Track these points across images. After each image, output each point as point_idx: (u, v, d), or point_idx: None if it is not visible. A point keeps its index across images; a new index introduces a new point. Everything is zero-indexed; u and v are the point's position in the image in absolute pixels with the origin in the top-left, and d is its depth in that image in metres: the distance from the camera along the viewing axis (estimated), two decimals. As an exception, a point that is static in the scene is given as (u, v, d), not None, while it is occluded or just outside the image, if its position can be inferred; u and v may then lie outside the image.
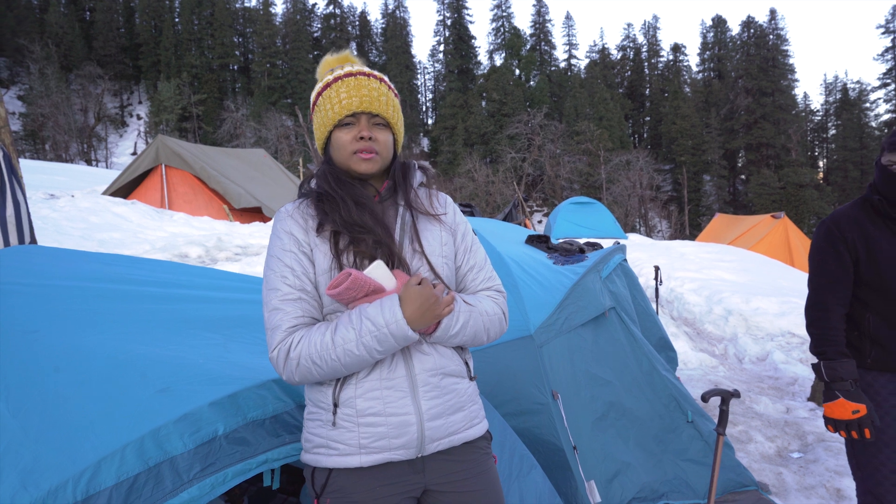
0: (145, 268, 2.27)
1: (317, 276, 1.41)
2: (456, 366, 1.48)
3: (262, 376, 1.61)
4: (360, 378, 1.38)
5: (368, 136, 1.44)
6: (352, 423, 1.38)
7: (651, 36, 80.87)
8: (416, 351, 1.42)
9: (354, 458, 1.37)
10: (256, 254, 8.09)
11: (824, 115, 73.66)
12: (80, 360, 1.54)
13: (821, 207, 53.01)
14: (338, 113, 1.45)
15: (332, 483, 1.39)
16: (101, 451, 1.28)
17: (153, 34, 71.01)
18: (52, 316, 1.71)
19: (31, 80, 55.12)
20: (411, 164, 1.57)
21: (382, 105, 1.46)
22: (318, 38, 75.72)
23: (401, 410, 1.38)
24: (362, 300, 1.37)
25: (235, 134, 49.45)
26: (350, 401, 1.38)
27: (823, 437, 3.95)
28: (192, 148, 14.16)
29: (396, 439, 1.38)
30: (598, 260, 3.78)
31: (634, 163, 45.38)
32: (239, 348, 1.85)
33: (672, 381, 3.60)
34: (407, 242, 1.46)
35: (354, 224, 1.40)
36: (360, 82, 1.46)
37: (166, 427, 1.37)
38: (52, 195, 11.81)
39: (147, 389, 1.49)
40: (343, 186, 1.45)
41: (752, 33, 70.40)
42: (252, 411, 1.54)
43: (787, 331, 6.80)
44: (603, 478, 3.03)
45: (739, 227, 17.76)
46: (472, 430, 1.49)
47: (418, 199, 1.53)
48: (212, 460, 1.42)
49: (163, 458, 1.35)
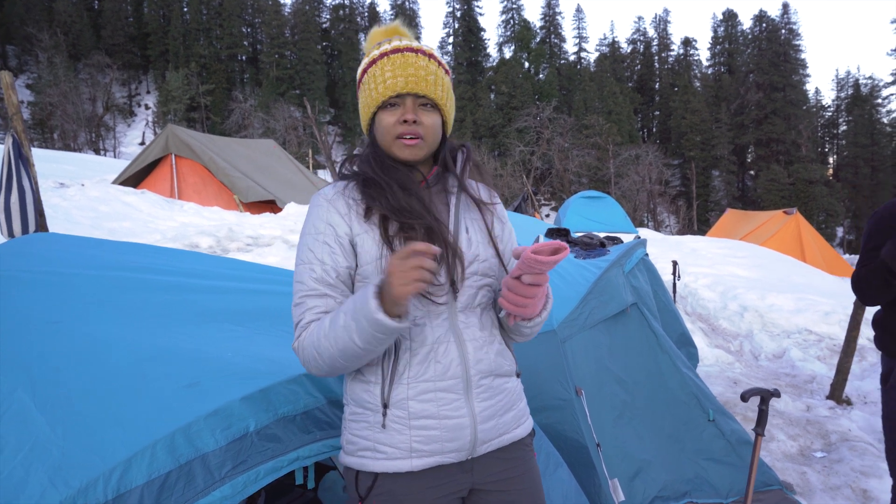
0: (163, 257, 2.22)
1: (363, 264, 1.31)
2: (509, 365, 1.43)
3: (292, 371, 1.56)
4: (412, 377, 1.30)
5: (413, 119, 1.33)
6: (403, 426, 1.30)
7: (662, 29, 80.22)
8: (472, 351, 1.34)
9: (405, 461, 1.30)
10: (268, 244, 8.05)
11: (835, 111, 72.97)
12: (103, 353, 1.49)
13: (830, 204, 52.57)
14: (382, 94, 1.33)
15: (379, 486, 1.32)
16: (130, 448, 1.23)
17: (161, 23, 70.95)
18: (73, 306, 1.66)
19: (40, 69, 55.26)
20: (464, 148, 1.47)
21: (430, 85, 1.34)
22: (327, 28, 75.49)
23: (455, 413, 1.32)
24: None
25: (244, 125, 49.41)
26: (402, 402, 1.30)
27: (847, 437, 3.88)
28: (201, 138, 14.12)
29: (450, 443, 1.32)
30: (621, 254, 3.71)
31: (643, 157, 45.09)
32: (264, 341, 1.80)
33: (693, 379, 3.53)
34: (462, 230, 1.38)
35: (403, 210, 1.30)
36: (408, 59, 1.33)
37: (197, 423, 1.32)
38: (62, 184, 11.80)
39: (174, 383, 1.44)
40: (387, 171, 1.34)
41: (763, 28, 69.71)
42: (283, 407, 1.49)
43: (803, 328, 6.71)
44: (625, 476, 2.98)
45: (751, 223, 17.62)
46: (519, 428, 1.44)
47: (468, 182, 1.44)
48: (243, 457, 1.37)
49: (194, 456, 1.29)
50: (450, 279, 1.33)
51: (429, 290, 1.30)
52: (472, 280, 1.37)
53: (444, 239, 1.32)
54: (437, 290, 1.32)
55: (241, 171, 13.39)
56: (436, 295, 1.31)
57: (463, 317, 1.35)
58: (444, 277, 1.32)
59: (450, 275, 1.32)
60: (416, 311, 1.30)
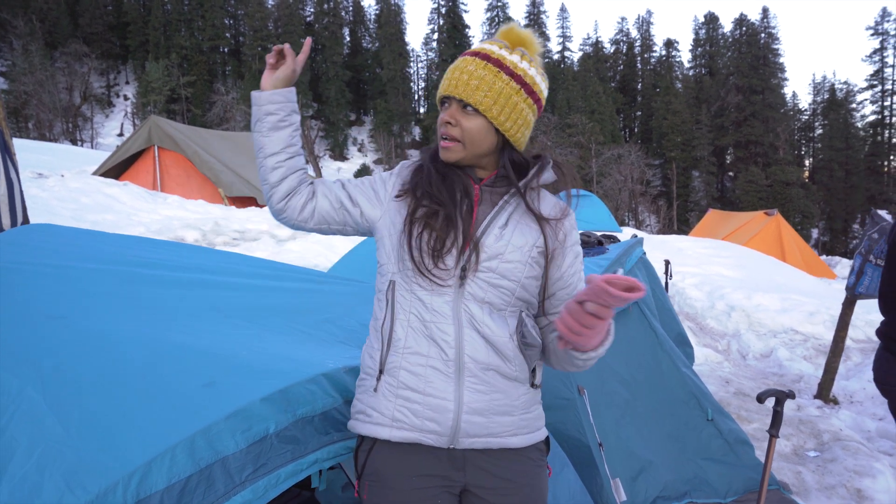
0: (167, 251, 2.14)
1: (384, 229, 1.43)
2: (516, 371, 1.39)
3: (310, 370, 1.51)
4: (407, 347, 1.36)
5: (448, 120, 1.38)
6: (391, 393, 1.36)
7: (644, 31, 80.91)
8: (471, 339, 1.35)
9: (386, 429, 1.35)
10: (255, 239, 7.93)
11: (812, 115, 74.25)
12: (114, 349, 1.43)
13: (806, 206, 53.51)
14: (438, 93, 1.43)
15: (371, 463, 1.37)
16: (149, 451, 1.17)
17: (142, 13, 69.69)
18: (79, 300, 1.59)
19: (14, 57, 53.83)
20: (545, 159, 1.47)
21: (470, 90, 1.35)
22: (311, 22, 74.77)
23: (439, 394, 1.34)
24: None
25: (225, 117, 48.77)
26: (394, 370, 1.36)
27: (839, 437, 3.93)
28: (185, 130, 13.87)
29: (430, 422, 1.34)
30: (620, 253, 3.71)
31: (626, 157, 45.47)
32: (276, 339, 1.75)
33: (692, 378, 3.54)
34: (497, 227, 1.38)
35: (432, 194, 1.37)
36: (464, 63, 1.39)
37: (217, 425, 1.26)
38: (41, 174, 11.50)
39: (190, 382, 1.38)
40: (437, 164, 1.42)
41: (744, 31, 70.62)
42: (301, 407, 1.44)
43: (789, 328, 6.80)
44: (627, 475, 2.97)
45: (732, 223, 17.84)
46: (517, 437, 1.40)
47: (532, 192, 1.42)
48: (263, 461, 1.32)
49: (214, 459, 1.24)
50: (461, 266, 1.35)
51: (432, 270, 1.35)
52: (487, 275, 1.36)
53: (463, 229, 1.36)
54: (442, 274, 1.35)
55: (225, 164, 13.19)
56: (440, 277, 1.35)
57: (470, 305, 1.36)
58: (454, 262, 1.35)
59: (461, 262, 1.35)
60: (421, 285, 1.37)
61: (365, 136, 73.27)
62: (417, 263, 1.35)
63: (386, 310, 1.40)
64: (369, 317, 2.24)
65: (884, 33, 65.26)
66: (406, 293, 1.38)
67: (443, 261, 1.34)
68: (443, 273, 1.35)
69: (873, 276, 4.70)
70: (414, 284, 1.37)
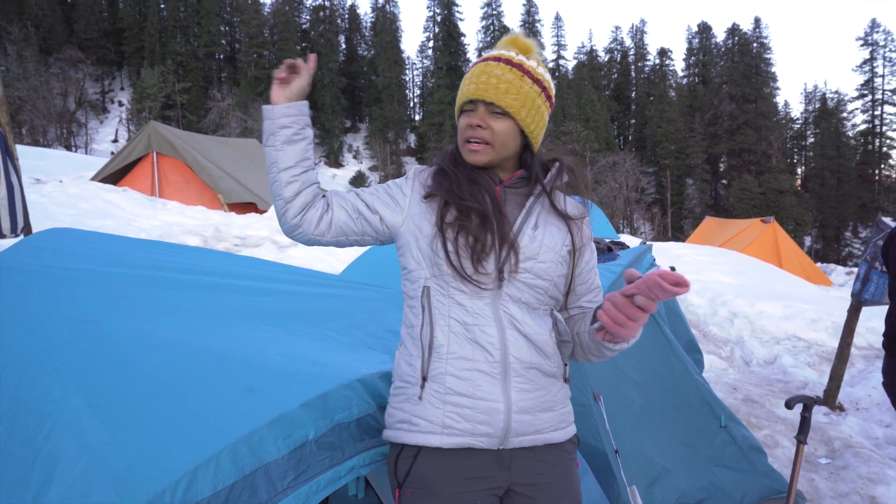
0: (191, 256, 2.13)
1: (416, 239, 1.40)
2: (554, 367, 1.43)
3: (346, 375, 1.49)
4: (451, 352, 1.35)
5: (477, 123, 1.40)
6: (438, 400, 1.34)
7: (638, 39, 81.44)
8: (514, 339, 1.36)
9: (436, 437, 1.33)
10: (256, 245, 7.89)
11: (803, 124, 74.87)
12: (151, 355, 1.41)
13: (799, 214, 53.89)
14: (459, 99, 1.44)
15: (416, 471, 1.34)
16: (195, 458, 1.15)
17: (137, 19, 69.56)
18: (111, 305, 1.57)
19: (8, 62, 53.64)
20: (562, 161, 1.52)
21: (500, 93, 1.39)
22: (307, 30, 74.92)
23: (489, 396, 1.34)
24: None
25: (221, 124, 48.71)
26: (440, 376, 1.34)
27: (850, 444, 3.93)
28: (184, 136, 13.84)
29: (482, 425, 1.33)
30: (632, 259, 3.71)
31: (621, 164, 45.66)
32: (306, 344, 1.73)
33: (704, 385, 3.54)
34: (529, 228, 1.40)
35: (463, 196, 1.37)
36: (488, 68, 1.41)
37: (260, 431, 1.25)
38: (38, 180, 11.43)
39: (229, 388, 1.36)
40: (459, 166, 1.43)
41: (736, 41, 71.19)
42: (338, 413, 1.43)
43: (792, 334, 6.81)
44: (643, 482, 2.96)
45: (729, 231, 17.94)
46: (558, 432, 1.44)
47: (555, 193, 1.49)
48: (304, 467, 1.30)
49: (257, 466, 1.22)
50: (498, 268, 1.36)
51: (473, 275, 1.35)
52: (524, 276, 1.39)
53: (499, 229, 1.37)
54: (482, 278, 1.35)
55: (224, 170, 13.15)
56: (481, 282, 1.35)
57: (508, 306, 1.38)
58: (493, 266, 1.36)
59: (499, 263, 1.36)
60: (460, 289, 1.36)
61: (360, 143, 73.28)
62: (457, 268, 1.35)
63: (423, 316, 1.39)
64: (393, 322, 2.24)
65: (873, 44, 65.98)
66: (443, 298, 1.38)
67: (482, 264, 1.35)
68: (483, 277, 1.36)
69: (878, 283, 4.72)
70: (452, 289, 1.37)
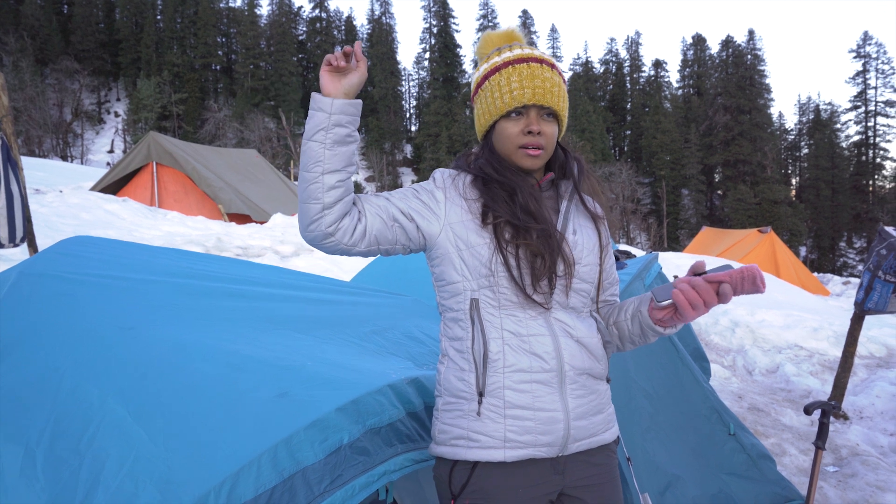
0: (215, 264, 2.14)
1: (458, 250, 1.34)
2: (602, 368, 1.43)
3: (378, 381, 1.51)
4: (508, 366, 1.31)
5: (538, 130, 1.35)
6: (498, 415, 1.31)
7: (633, 51, 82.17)
8: (567, 347, 1.35)
9: (499, 451, 1.31)
10: (258, 255, 7.90)
11: (798, 135, 75.54)
12: (187, 360, 1.42)
13: (794, 224, 54.21)
14: (507, 104, 1.36)
15: (474, 482, 1.31)
16: (236, 461, 1.16)
17: (134, 31, 69.84)
18: (143, 312, 1.58)
19: (5, 73, 53.54)
20: (580, 160, 1.51)
21: (554, 97, 1.37)
22: (304, 41, 75.32)
23: (549, 406, 1.33)
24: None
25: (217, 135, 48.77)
26: (498, 391, 1.31)
27: (857, 452, 3.95)
28: (184, 147, 13.85)
29: (543, 436, 1.32)
30: (641, 268, 3.73)
31: (616, 175, 45.89)
32: (334, 350, 1.74)
33: (713, 393, 3.55)
34: (570, 233, 1.40)
35: (528, 213, 1.32)
36: (534, 71, 1.36)
37: (297, 435, 1.26)
38: (38, 190, 11.42)
39: (264, 393, 1.37)
40: (510, 175, 1.37)
41: (730, 52, 71.91)
42: (371, 418, 1.43)
43: (794, 343, 6.84)
44: (655, 490, 2.97)
45: (726, 241, 18.01)
46: (608, 432, 1.45)
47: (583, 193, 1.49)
48: (339, 472, 1.31)
49: (296, 470, 1.23)
50: (549, 278, 1.34)
51: (533, 294, 1.33)
52: (573, 282, 1.38)
53: (557, 245, 1.35)
54: (541, 297, 1.34)
55: (224, 181, 13.16)
56: (537, 293, 1.33)
57: (559, 313, 1.37)
58: (547, 284, 1.34)
59: (551, 273, 1.34)
60: (512, 300, 1.33)
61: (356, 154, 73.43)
62: (521, 286, 1.32)
63: (473, 329, 1.34)
64: (413, 328, 2.25)
65: (866, 56, 66.75)
66: (494, 311, 1.34)
67: (542, 282, 1.32)
68: (543, 296, 1.34)
69: (882, 292, 4.75)
70: (504, 300, 1.33)
